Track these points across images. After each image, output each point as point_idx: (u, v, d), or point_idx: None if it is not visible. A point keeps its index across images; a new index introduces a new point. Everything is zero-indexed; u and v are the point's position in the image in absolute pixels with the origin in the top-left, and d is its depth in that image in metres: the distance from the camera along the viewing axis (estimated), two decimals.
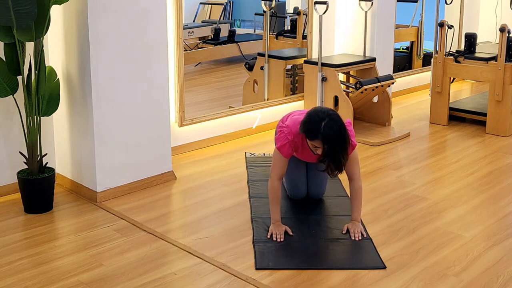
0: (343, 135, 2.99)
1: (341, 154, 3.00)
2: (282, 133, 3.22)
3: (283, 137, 3.21)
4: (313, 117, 3.02)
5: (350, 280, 2.86)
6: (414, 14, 7.33)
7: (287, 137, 3.19)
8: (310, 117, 3.04)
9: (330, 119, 2.97)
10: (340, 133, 2.98)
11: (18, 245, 3.21)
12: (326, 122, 2.96)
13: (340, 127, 2.99)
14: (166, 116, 4.07)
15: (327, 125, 2.95)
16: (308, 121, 3.03)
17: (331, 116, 2.99)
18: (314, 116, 3.02)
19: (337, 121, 2.99)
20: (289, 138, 3.18)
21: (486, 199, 3.83)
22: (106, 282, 2.83)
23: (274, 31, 6.62)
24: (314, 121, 2.99)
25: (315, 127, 2.98)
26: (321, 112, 3.03)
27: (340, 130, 2.98)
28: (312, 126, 3.00)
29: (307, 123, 3.03)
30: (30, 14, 3.31)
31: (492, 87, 5.18)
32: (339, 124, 2.99)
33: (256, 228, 3.35)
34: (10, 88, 3.54)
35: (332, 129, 2.95)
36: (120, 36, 3.72)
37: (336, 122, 2.98)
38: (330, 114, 3.01)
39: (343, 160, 3.03)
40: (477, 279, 2.86)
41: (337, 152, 2.99)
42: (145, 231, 3.37)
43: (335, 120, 2.99)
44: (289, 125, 3.23)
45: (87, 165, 3.80)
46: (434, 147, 4.94)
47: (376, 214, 3.58)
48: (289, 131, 3.19)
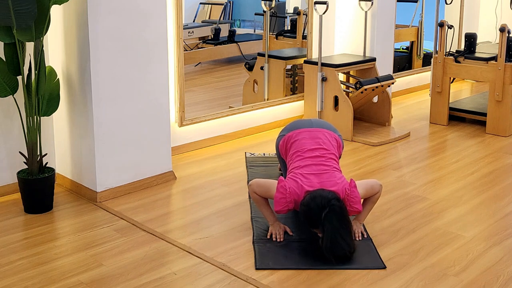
0: (343, 227, 2.93)
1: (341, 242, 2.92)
2: (283, 199, 3.10)
3: (284, 203, 3.10)
4: (311, 207, 2.95)
5: (350, 280, 2.86)
6: (414, 14, 7.33)
7: (288, 205, 3.10)
8: (309, 206, 2.97)
9: (330, 210, 2.91)
10: (341, 225, 2.92)
11: (18, 245, 3.21)
12: (326, 213, 2.90)
13: (341, 219, 2.93)
14: (166, 116, 4.07)
15: (327, 217, 2.90)
16: (307, 210, 2.97)
17: (332, 207, 2.92)
18: (314, 207, 2.94)
19: (337, 213, 2.92)
20: (290, 206, 3.11)
21: (486, 199, 3.83)
22: (106, 282, 2.83)
23: (274, 31, 6.62)
24: (314, 212, 2.94)
25: (315, 217, 2.93)
26: (320, 199, 2.95)
27: (341, 223, 2.92)
28: (312, 216, 2.95)
29: (306, 212, 2.98)
30: (30, 14, 3.31)
31: (492, 87, 5.18)
32: (340, 215, 2.93)
33: (256, 228, 3.35)
34: (10, 88, 3.54)
35: (331, 222, 2.90)
36: (120, 36, 3.72)
37: (336, 214, 2.92)
38: (331, 204, 2.93)
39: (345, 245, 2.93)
40: (477, 279, 2.86)
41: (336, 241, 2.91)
42: (145, 231, 3.37)
43: (335, 211, 2.92)
44: (292, 190, 3.10)
45: (87, 165, 3.80)
46: (434, 147, 4.94)
47: (376, 214, 3.58)
48: (291, 200, 3.10)
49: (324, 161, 3.22)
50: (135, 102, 3.87)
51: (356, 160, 4.55)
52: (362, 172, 4.29)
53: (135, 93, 3.86)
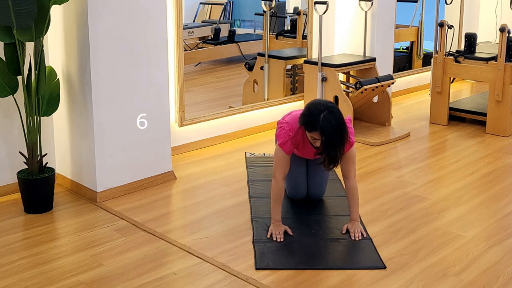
0: (340, 128, 3.03)
1: (338, 147, 3.04)
2: (282, 130, 3.24)
3: (284, 133, 3.23)
4: (312, 110, 3.06)
5: (350, 280, 2.86)
6: (414, 14, 7.33)
7: (288, 133, 3.21)
8: (309, 109, 3.09)
9: (329, 112, 3.02)
10: (338, 126, 3.02)
11: (18, 245, 3.21)
12: (325, 114, 3.00)
13: (339, 121, 3.03)
14: (166, 116, 4.07)
15: (325, 117, 3.00)
16: (307, 114, 3.07)
17: (330, 109, 3.03)
18: (313, 109, 3.06)
19: (336, 114, 3.03)
20: (290, 134, 3.21)
21: (486, 199, 3.83)
22: (106, 282, 2.83)
23: (274, 31, 6.62)
24: (313, 113, 3.04)
25: (314, 119, 3.02)
26: (320, 104, 3.07)
27: (338, 123, 3.02)
28: (311, 118, 3.04)
29: (306, 116, 3.08)
30: (30, 14, 3.31)
31: (492, 87, 5.18)
32: (338, 117, 3.03)
33: (256, 228, 3.35)
34: (10, 88, 3.54)
35: (330, 121, 3.00)
36: (120, 36, 3.72)
37: (334, 115, 3.02)
38: (330, 106, 3.05)
39: (339, 153, 3.06)
40: (477, 279, 2.86)
41: (334, 144, 3.02)
42: (145, 231, 3.37)
43: (334, 112, 3.03)
44: (289, 121, 3.25)
45: (87, 165, 3.80)
46: (434, 147, 4.94)
47: (376, 214, 3.58)
48: (289, 128, 3.22)
49: None
50: (135, 102, 3.87)
51: (356, 160, 4.54)
52: (362, 172, 4.28)
53: (135, 93, 3.86)
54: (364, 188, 3.93)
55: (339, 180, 4.02)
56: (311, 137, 3.09)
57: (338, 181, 4.00)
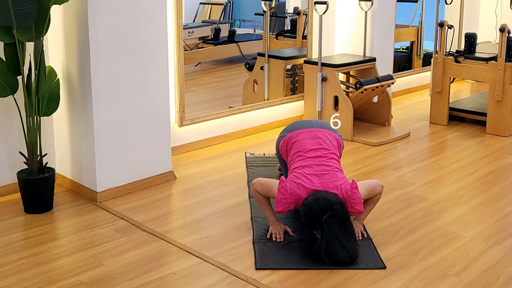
0: (344, 234, 2.90)
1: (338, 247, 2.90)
2: (284, 200, 3.09)
3: (285, 203, 3.08)
4: (314, 210, 2.93)
5: (350, 280, 2.86)
6: (414, 14, 7.33)
7: (289, 206, 3.09)
8: (311, 208, 2.95)
9: (332, 214, 2.89)
10: (341, 232, 2.89)
11: (18, 245, 3.21)
12: (328, 217, 2.88)
13: (342, 225, 2.90)
14: (166, 116, 4.07)
15: (327, 221, 2.88)
16: (309, 212, 2.95)
17: (334, 211, 2.90)
18: (316, 209, 2.92)
19: (339, 218, 2.90)
20: (291, 207, 3.10)
21: (486, 199, 3.83)
22: (106, 282, 2.83)
23: (274, 31, 6.62)
24: (315, 214, 2.92)
25: (315, 220, 2.92)
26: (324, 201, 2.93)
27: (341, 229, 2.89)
28: (313, 219, 2.94)
29: (308, 214, 2.96)
30: (30, 14, 3.31)
31: (492, 87, 5.18)
32: (341, 221, 2.90)
33: (256, 228, 3.35)
34: (10, 88, 3.54)
35: (331, 227, 2.88)
36: (120, 36, 3.72)
37: (337, 219, 2.89)
38: (334, 208, 2.91)
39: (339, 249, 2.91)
40: (477, 279, 2.86)
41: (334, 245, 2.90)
42: (145, 231, 3.37)
43: (337, 216, 2.90)
44: (293, 192, 3.08)
45: (87, 165, 3.80)
46: (434, 147, 4.94)
47: (376, 214, 3.58)
48: (291, 200, 3.08)
49: (325, 161, 3.22)
50: (135, 102, 3.87)
51: (356, 160, 4.55)
52: (362, 172, 4.29)
53: (135, 93, 3.86)
54: None
55: None
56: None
57: None
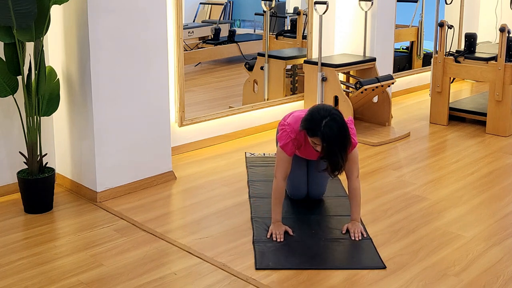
0: (343, 136, 3.00)
1: (340, 155, 3.01)
2: (284, 132, 3.23)
3: (286, 135, 3.21)
4: (314, 115, 3.03)
5: (350, 280, 2.86)
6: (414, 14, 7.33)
7: (289, 135, 3.20)
8: (311, 114, 3.05)
9: (332, 119, 2.98)
10: (340, 133, 2.98)
11: (18, 245, 3.21)
12: (327, 121, 2.97)
13: (341, 127, 2.99)
14: (166, 116, 4.07)
15: (327, 124, 2.96)
16: (310, 119, 3.04)
17: (333, 116, 2.99)
18: (316, 114, 3.02)
19: (338, 121, 2.99)
20: (292, 136, 3.19)
21: (486, 199, 3.83)
22: (106, 282, 2.83)
23: (274, 31, 6.62)
24: (315, 119, 3.00)
25: (315, 125, 2.99)
26: (323, 110, 3.03)
27: (340, 131, 2.98)
28: (313, 124, 3.01)
29: (308, 121, 3.05)
30: (30, 14, 3.31)
31: (492, 87, 5.18)
32: (340, 124, 2.99)
33: (256, 228, 3.35)
34: (10, 88, 3.54)
35: (332, 129, 2.96)
36: (120, 36, 3.72)
37: (337, 122, 2.98)
38: (332, 113, 3.01)
39: (341, 161, 3.03)
40: (477, 279, 2.86)
41: (335, 152, 2.99)
42: (145, 231, 3.37)
43: (336, 120, 2.99)
44: (291, 123, 3.23)
45: (87, 165, 3.80)
46: (434, 147, 4.94)
47: (376, 214, 3.58)
48: (291, 129, 3.20)
49: None
50: (135, 102, 3.87)
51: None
52: (362, 172, 4.28)
53: (135, 93, 3.86)
54: (364, 188, 3.93)
55: (339, 180, 4.02)
56: (312, 142, 3.07)
57: (338, 181, 4.00)
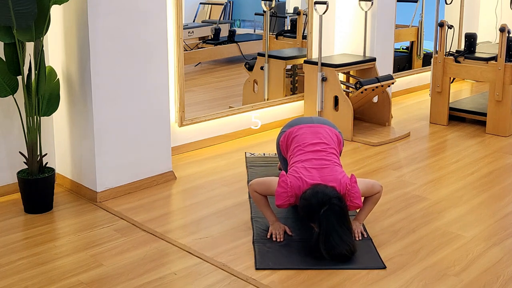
0: (342, 227, 2.91)
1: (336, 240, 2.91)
2: (284, 194, 3.10)
3: (285, 197, 3.10)
4: (312, 203, 2.95)
5: (350, 280, 2.86)
6: (414, 14, 7.33)
7: (289, 199, 3.10)
8: (309, 201, 2.96)
9: (330, 208, 2.91)
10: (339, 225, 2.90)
11: (18, 245, 3.21)
12: (326, 210, 2.90)
13: (340, 219, 2.91)
14: (166, 116, 4.07)
15: (325, 215, 2.90)
16: (308, 205, 2.97)
17: (332, 205, 2.91)
18: (314, 202, 2.94)
19: (336, 212, 2.91)
20: (291, 201, 3.11)
21: (486, 199, 3.83)
22: (106, 282, 2.83)
23: (274, 31, 6.62)
24: (313, 207, 2.93)
25: (313, 213, 2.93)
26: (323, 195, 2.95)
27: (339, 222, 2.90)
28: (311, 212, 2.94)
29: (306, 207, 2.97)
30: (30, 14, 3.31)
31: (492, 87, 5.18)
32: (339, 214, 2.92)
33: (256, 228, 3.35)
34: (10, 88, 3.54)
35: (329, 220, 2.89)
36: (120, 36, 3.72)
37: (335, 213, 2.91)
38: (332, 203, 2.92)
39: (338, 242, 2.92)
40: (477, 279, 2.86)
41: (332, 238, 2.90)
42: (145, 231, 3.37)
43: (335, 210, 2.91)
44: (293, 185, 3.09)
45: (87, 165, 3.80)
46: (434, 147, 4.94)
47: (376, 214, 3.57)
48: (292, 194, 3.09)
49: (325, 155, 3.23)
50: (135, 102, 3.87)
51: (356, 160, 4.55)
52: (362, 172, 4.29)
53: (135, 93, 3.86)
54: None
55: None
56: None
57: None
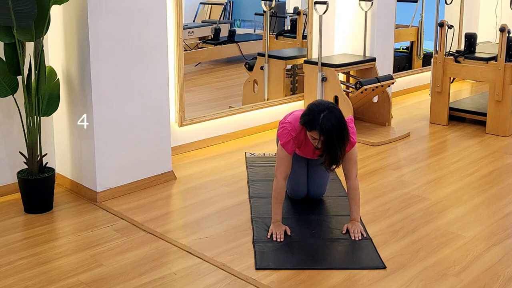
0: (341, 128, 3.03)
1: (338, 147, 3.04)
2: (285, 130, 3.24)
3: (286, 133, 3.23)
4: (312, 109, 3.07)
5: (350, 280, 2.86)
6: (414, 14, 7.33)
7: (290, 133, 3.21)
8: (310, 109, 3.10)
9: (330, 112, 3.03)
10: (338, 125, 3.02)
11: (18, 245, 3.21)
12: (325, 114, 3.01)
13: (339, 120, 3.03)
14: (166, 116, 4.07)
15: (325, 116, 3.00)
16: (308, 113, 3.08)
17: (331, 109, 3.04)
18: (314, 108, 3.07)
19: (336, 114, 3.04)
20: (293, 134, 3.21)
21: (486, 199, 3.83)
22: (106, 282, 2.83)
23: (274, 31, 6.62)
24: (314, 113, 3.04)
25: (314, 118, 3.03)
26: (321, 104, 3.09)
27: (338, 123, 3.02)
28: (311, 117, 3.04)
29: (306, 115, 3.09)
30: (30, 14, 3.31)
31: (492, 87, 5.18)
32: (338, 117, 3.04)
33: (256, 228, 3.35)
34: (10, 88, 3.54)
35: (330, 121, 3.00)
36: (120, 36, 3.72)
37: (335, 115, 3.03)
38: (330, 107, 3.06)
39: (339, 153, 3.06)
40: (477, 279, 2.86)
41: (334, 144, 3.03)
42: (145, 231, 3.37)
43: (334, 113, 3.03)
44: (292, 121, 3.25)
45: (87, 165, 3.80)
46: (434, 147, 4.94)
47: (376, 214, 3.58)
48: (292, 127, 3.22)
49: None
50: (135, 102, 3.87)
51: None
52: (362, 172, 4.28)
53: (135, 93, 3.86)
54: (364, 188, 3.93)
55: (339, 180, 4.02)
56: (311, 137, 3.09)
57: (339, 181, 4.01)
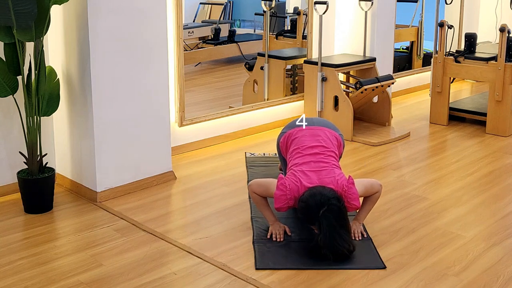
0: (341, 228, 2.92)
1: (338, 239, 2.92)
2: (283, 196, 3.10)
3: (284, 200, 3.10)
4: (310, 205, 2.96)
5: (350, 280, 2.86)
6: (414, 14, 7.33)
7: (288, 202, 3.11)
8: (307, 202, 2.98)
9: (328, 209, 2.91)
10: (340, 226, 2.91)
11: (18, 245, 3.21)
12: (324, 211, 2.90)
13: (339, 219, 2.92)
14: (166, 116, 4.07)
15: (324, 216, 2.90)
16: (306, 208, 2.98)
17: (331, 206, 2.92)
18: (312, 204, 2.95)
19: (335, 212, 2.92)
20: (290, 204, 3.12)
21: (486, 199, 3.83)
22: (106, 282, 2.83)
23: (274, 31, 6.62)
24: (312, 209, 2.94)
25: (312, 215, 2.94)
26: (320, 196, 2.96)
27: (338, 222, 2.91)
28: (310, 213, 2.95)
29: (304, 210, 2.99)
30: (30, 14, 3.31)
31: (492, 87, 5.18)
32: (338, 215, 2.92)
33: (256, 228, 3.35)
34: (10, 88, 3.54)
35: (329, 221, 2.90)
36: (120, 36, 3.72)
37: (334, 213, 2.91)
38: (330, 203, 2.93)
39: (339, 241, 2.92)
40: (477, 279, 2.86)
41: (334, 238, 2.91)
42: (145, 231, 3.37)
43: (333, 210, 2.92)
44: (292, 188, 3.10)
45: (87, 165, 3.80)
46: (434, 147, 4.94)
47: (376, 214, 3.58)
48: (291, 197, 3.10)
49: (323, 158, 3.23)
50: (135, 102, 3.87)
51: (356, 160, 4.55)
52: (362, 172, 4.29)
53: (135, 93, 3.86)
54: None
55: None
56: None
57: None
